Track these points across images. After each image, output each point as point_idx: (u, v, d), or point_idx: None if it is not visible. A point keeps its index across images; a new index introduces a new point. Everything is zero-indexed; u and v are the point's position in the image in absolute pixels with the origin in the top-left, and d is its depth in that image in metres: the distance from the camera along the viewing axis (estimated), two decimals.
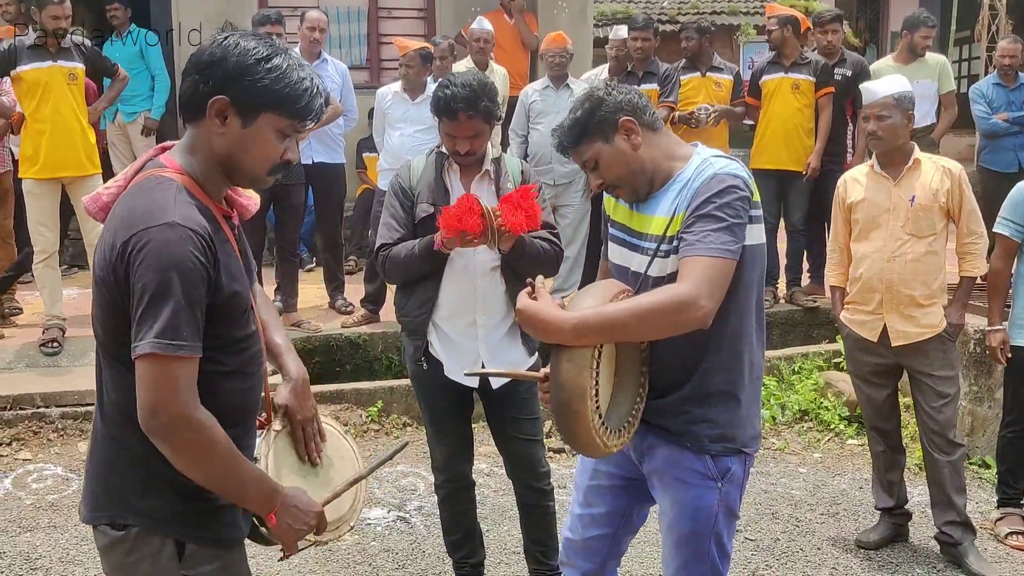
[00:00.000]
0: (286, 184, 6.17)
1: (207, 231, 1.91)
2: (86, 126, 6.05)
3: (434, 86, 4.19)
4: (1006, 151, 7.29)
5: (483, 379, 3.46)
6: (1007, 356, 4.29)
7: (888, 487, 4.36)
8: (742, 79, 7.32)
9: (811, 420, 5.85)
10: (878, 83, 4.21)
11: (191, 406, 1.89)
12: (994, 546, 4.37)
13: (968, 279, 4.13)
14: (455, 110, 3.26)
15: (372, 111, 7.07)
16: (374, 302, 6.52)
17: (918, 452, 4.66)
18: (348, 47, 9.21)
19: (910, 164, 4.05)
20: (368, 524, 4.48)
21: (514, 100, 7.32)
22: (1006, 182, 6.53)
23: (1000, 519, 4.50)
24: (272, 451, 2.19)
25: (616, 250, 2.67)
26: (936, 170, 4.04)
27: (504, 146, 7.22)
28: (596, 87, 2.60)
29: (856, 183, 4.19)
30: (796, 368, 6.23)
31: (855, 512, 4.72)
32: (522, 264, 3.34)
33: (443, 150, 3.45)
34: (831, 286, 4.39)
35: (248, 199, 2.19)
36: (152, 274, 1.84)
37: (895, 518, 4.38)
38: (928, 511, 4.33)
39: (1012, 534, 4.41)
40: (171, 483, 1.98)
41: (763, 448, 5.31)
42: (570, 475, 4.67)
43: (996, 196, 6.37)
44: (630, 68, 7.02)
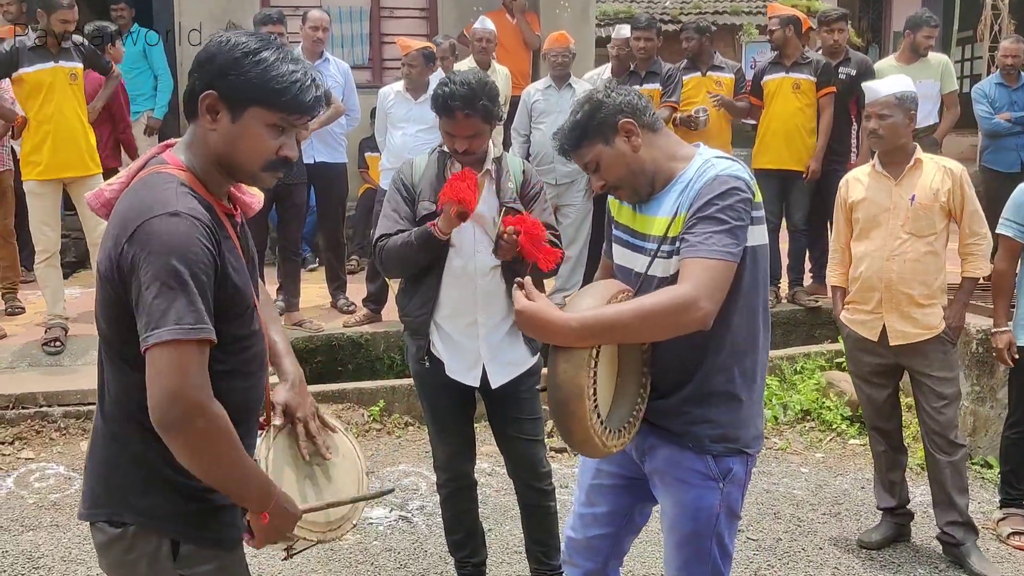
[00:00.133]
0: (288, 183, 6.17)
1: (209, 220, 1.91)
2: (87, 126, 6.06)
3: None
4: (1008, 151, 7.28)
5: (484, 378, 3.46)
6: (1014, 357, 4.27)
7: (890, 487, 4.36)
8: (744, 75, 7.33)
9: (813, 420, 5.85)
10: (880, 82, 4.21)
11: (208, 394, 1.86)
12: (996, 546, 4.37)
13: (970, 280, 4.12)
14: (452, 108, 3.26)
15: (374, 110, 7.08)
16: (376, 301, 6.53)
17: (920, 452, 4.65)
18: (350, 47, 9.21)
19: (911, 164, 4.05)
20: (370, 523, 4.48)
21: (516, 100, 7.32)
22: (1008, 182, 6.53)
23: (1002, 519, 4.50)
24: (272, 451, 2.18)
25: (620, 251, 2.67)
26: (937, 170, 4.04)
27: (506, 145, 7.23)
28: (595, 89, 2.60)
29: (858, 183, 4.19)
30: (798, 368, 6.23)
31: (857, 512, 4.72)
32: (523, 265, 3.33)
33: (445, 149, 3.45)
34: (832, 286, 4.39)
35: (252, 197, 2.18)
36: (159, 261, 1.83)
37: (897, 518, 4.38)
38: (930, 511, 4.32)
39: (1014, 534, 4.40)
40: (171, 482, 1.97)
41: (765, 448, 5.30)
42: (571, 475, 4.67)
43: (998, 196, 6.36)
44: (632, 68, 7.02)
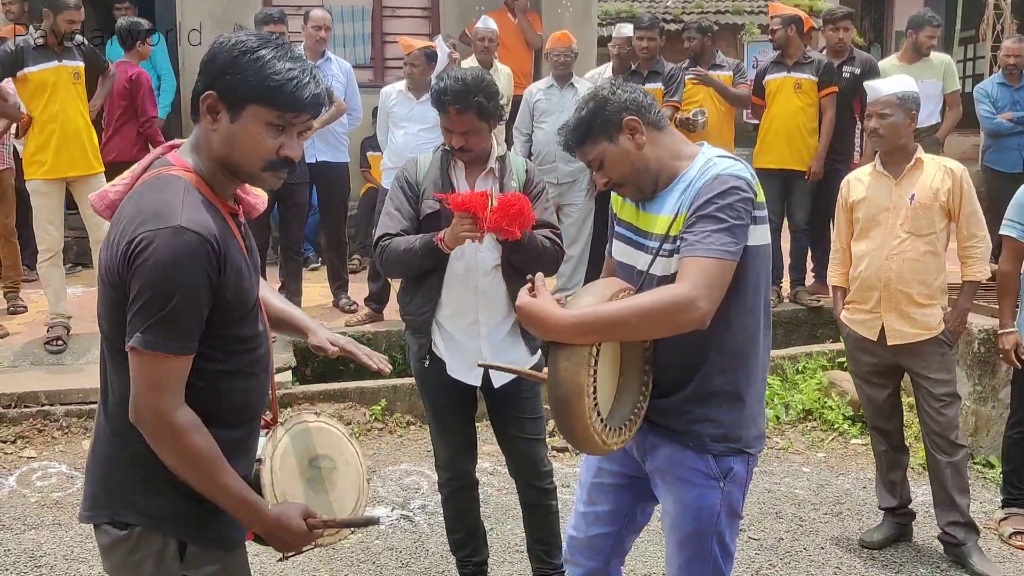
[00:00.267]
0: (290, 183, 6.16)
1: (213, 234, 1.90)
2: (90, 125, 6.08)
3: None
4: (1010, 151, 7.27)
5: (486, 377, 3.47)
6: (1021, 357, 4.26)
7: (891, 487, 4.35)
8: (743, 69, 7.35)
9: (815, 419, 5.85)
10: (882, 82, 4.22)
11: (169, 406, 1.89)
12: (998, 546, 4.37)
13: (970, 283, 4.10)
14: (445, 103, 3.29)
15: (376, 110, 7.08)
16: (378, 301, 6.53)
17: (922, 452, 4.65)
18: (352, 46, 9.21)
19: (912, 163, 4.05)
20: None
21: (518, 99, 7.32)
22: (1010, 182, 6.53)
23: (1004, 519, 4.50)
24: (277, 454, 2.18)
25: (622, 248, 2.66)
26: (938, 170, 4.04)
27: (508, 145, 7.23)
28: (601, 86, 2.60)
29: (859, 183, 4.20)
30: (800, 367, 6.23)
31: (859, 512, 4.71)
32: (522, 260, 3.33)
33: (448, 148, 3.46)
34: (833, 286, 4.39)
35: (256, 198, 2.18)
36: (152, 276, 1.84)
37: (899, 518, 4.38)
38: (932, 511, 4.32)
39: (1016, 534, 4.40)
40: (171, 482, 1.97)
41: (767, 447, 5.30)
42: (573, 474, 4.68)
43: (1000, 196, 6.36)
44: (635, 67, 7.01)
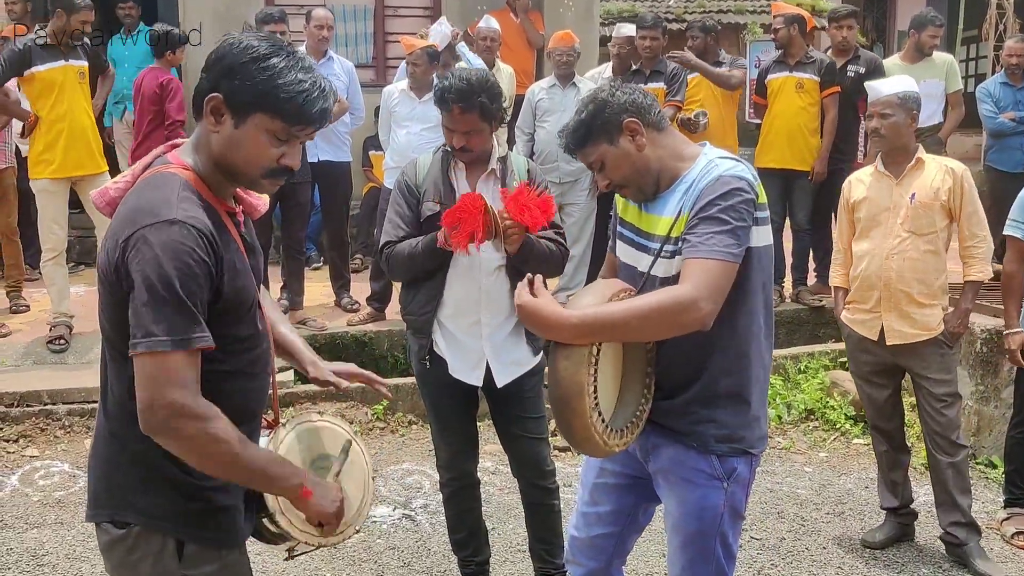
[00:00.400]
0: (292, 182, 6.17)
1: (209, 229, 1.90)
2: (95, 124, 6.12)
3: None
4: (1013, 150, 7.26)
5: (488, 377, 3.46)
6: None
7: (892, 487, 4.35)
8: (744, 66, 7.34)
9: (817, 419, 5.84)
10: (883, 82, 4.22)
11: (189, 398, 1.86)
12: (1000, 546, 4.37)
13: (972, 284, 4.10)
14: (448, 101, 3.28)
15: (378, 109, 7.08)
16: (380, 300, 6.53)
17: (923, 452, 4.65)
18: (354, 45, 9.21)
19: (913, 163, 4.04)
20: (374, 522, 4.49)
21: (520, 98, 7.31)
22: (1013, 182, 6.53)
23: (1007, 519, 4.50)
24: (281, 453, 2.17)
25: (624, 249, 2.66)
26: (939, 169, 4.03)
27: (510, 144, 7.22)
28: (600, 88, 2.60)
29: (860, 183, 4.20)
30: (802, 367, 6.23)
31: (861, 511, 4.71)
32: (528, 265, 3.32)
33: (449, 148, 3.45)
34: (834, 286, 4.39)
35: (257, 199, 2.18)
36: (151, 271, 1.84)
37: (901, 518, 4.38)
38: (934, 511, 4.32)
39: (1018, 534, 4.40)
40: (171, 482, 1.97)
41: (769, 447, 5.30)
42: (575, 473, 4.67)
43: (1003, 195, 6.37)
44: (637, 67, 7.01)
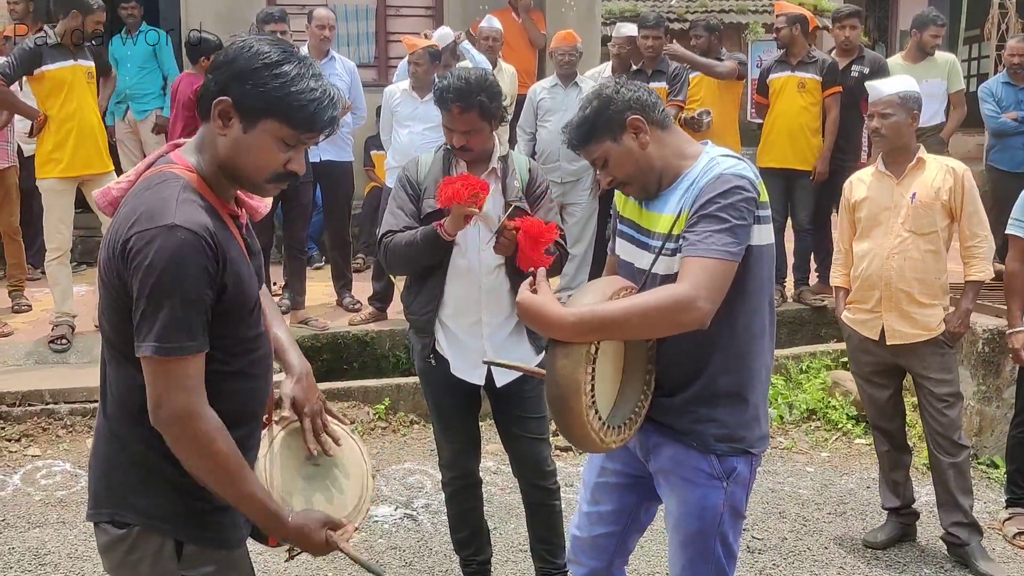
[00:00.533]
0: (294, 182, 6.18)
1: (209, 232, 1.89)
2: (102, 124, 6.16)
3: None
4: (1015, 150, 7.24)
5: (489, 377, 3.46)
6: None
7: (894, 487, 4.35)
8: (745, 63, 7.32)
9: (819, 419, 5.84)
10: (884, 82, 4.22)
11: (195, 404, 1.89)
12: (1002, 546, 4.36)
13: (973, 283, 4.09)
14: (447, 100, 3.29)
15: (379, 109, 7.08)
16: (382, 300, 6.53)
17: (925, 452, 4.64)
18: (356, 45, 9.22)
19: (913, 163, 4.04)
20: (375, 521, 4.49)
21: (522, 98, 7.31)
22: (1014, 181, 6.52)
23: (1008, 519, 4.49)
24: (273, 451, 2.17)
25: (624, 246, 2.66)
26: (940, 169, 4.03)
27: (512, 143, 7.22)
28: (604, 85, 2.59)
29: (861, 183, 4.20)
30: (804, 367, 6.22)
31: (862, 512, 4.71)
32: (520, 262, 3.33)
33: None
34: (835, 286, 4.39)
35: (259, 201, 2.18)
36: (151, 277, 1.84)
37: (902, 518, 4.38)
38: (936, 511, 4.31)
39: (1020, 534, 4.40)
40: (171, 482, 1.97)
41: (770, 447, 5.30)
42: (576, 473, 4.68)
43: (1005, 195, 6.35)
44: (638, 66, 7.00)
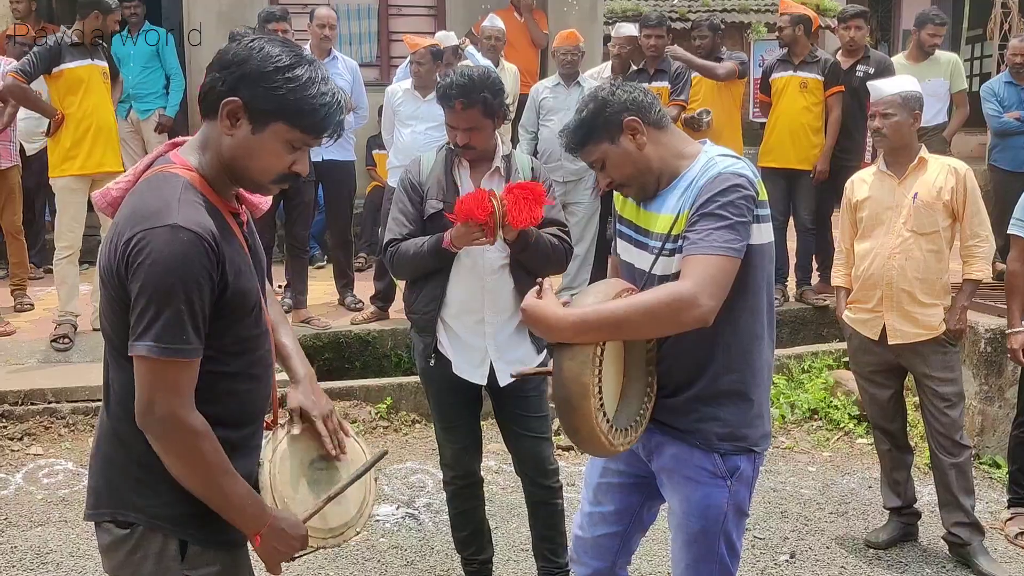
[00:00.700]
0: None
1: (210, 232, 1.89)
2: (115, 124, 6.21)
3: None
4: (1017, 150, 7.23)
5: (491, 376, 3.46)
6: None
7: (895, 486, 4.35)
8: (746, 62, 7.32)
9: (821, 419, 5.84)
10: (885, 81, 4.23)
11: (183, 409, 1.89)
12: (1004, 546, 4.36)
13: (970, 283, 4.09)
14: (451, 97, 3.29)
15: (382, 108, 7.08)
16: (384, 299, 6.53)
17: (927, 452, 4.64)
18: (358, 44, 9.23)
19: (915, 163, 4.04)
20: (377, 521, 4.49)
21: (524, 97, 7.31)
22: (1017, 181, 6.52)
23: (1010, 519, 4.49)
24: (278, 456, 2.16)
25: (624, 247, 2.67)
26: (942, 169, 4.03)
27: (514, 143, 7.22)
28: (601, 87, 2.60)
29: (863, 183, 4.20)
30: (806, 367, 6.22)
31: (864, 511, 4.71)
32: (530, 259, 3.33)
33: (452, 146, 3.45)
34: (835, 286, 4.39)
35: (260, 197, 2.17)
36: (151, 277, 1.84)
37: (904, 517, 4.37)
38: (937, 511, 4.31)
39: (1022, 534, 4.39)
40: (173, 482, 1.96)
41: (772, 447, 5.30)
42: (579, 473, 4.67)
43: (1007, 195, 6.36)
44: (641, 66, 7.00)
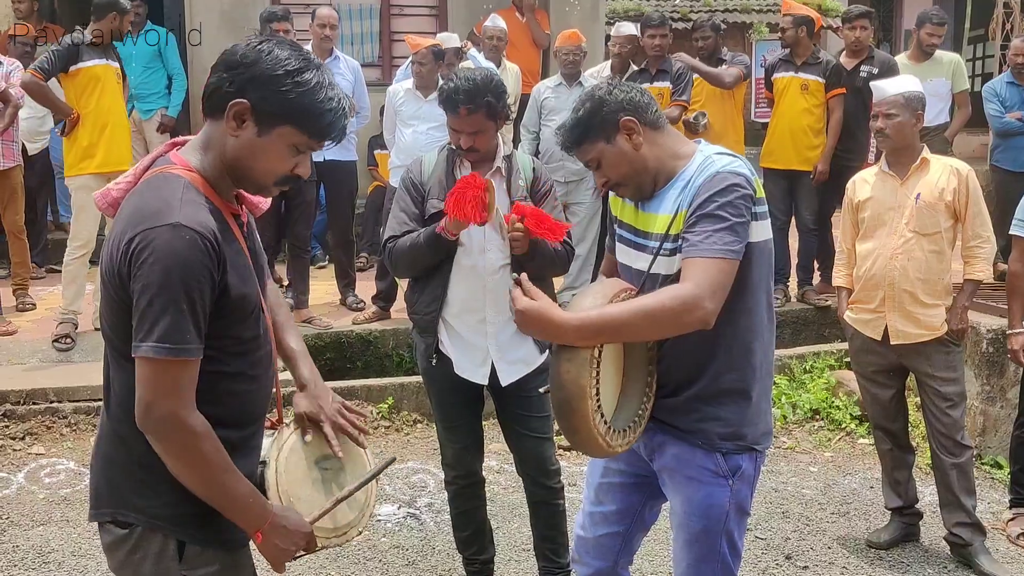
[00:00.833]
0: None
1: (212, 232, 1.90)
2: (129, 124, 6.29)
3: None
4: (1019, 150, 7.22)
5: (493, 376, 3.46)
6: None
7: (896, 487, 4.34)
8: (748, 63, 7.31)
9: (822, 419, 5.84)
10: (888, 82, 4.22)
11: (184, 410, 1.89)
12: (1005, 546, 4.36)
13: (971, 283, 4.09)
14: (455, 102, 3.28)
15: (383, 108, 7.08)
16: (385, 299, 6.53)
17: (928, 452, 4.64)
18: (360, 44, 9.23)
19: (917, 163, 4.04)
20: (378, 520, 4.49)
21: (526, 97, 7.31)
22: (1019, 181, 6.52)
23: (1012, 519, 4.48)
24: (282, 456, 2.17)
25: (623, 249, 2.67)
26: (944, 169, 4.03)
27: (516, 143, 7.22)
28: (598, 86, 2.60)
29: (864, 183, 4.20)
30: (807, 367, 6.22)
31: (866, 511, 4.71)
32: (534, 264, 3.33)
33: (454, 147, 3.45)
34: (837, 286, 4.39)
35: (259, 197, 2.17)
36: (153, 276, 1.84)
37: (906, 518, 4.37)
38: (939, 511, 4.30)
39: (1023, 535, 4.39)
40: (173, 483, 1.96)
41: (774, 447, 5.30)
42: (580, 472, 4.67)
43: (1008, 195, 6.35)
44: (643, 66, 6.99)
